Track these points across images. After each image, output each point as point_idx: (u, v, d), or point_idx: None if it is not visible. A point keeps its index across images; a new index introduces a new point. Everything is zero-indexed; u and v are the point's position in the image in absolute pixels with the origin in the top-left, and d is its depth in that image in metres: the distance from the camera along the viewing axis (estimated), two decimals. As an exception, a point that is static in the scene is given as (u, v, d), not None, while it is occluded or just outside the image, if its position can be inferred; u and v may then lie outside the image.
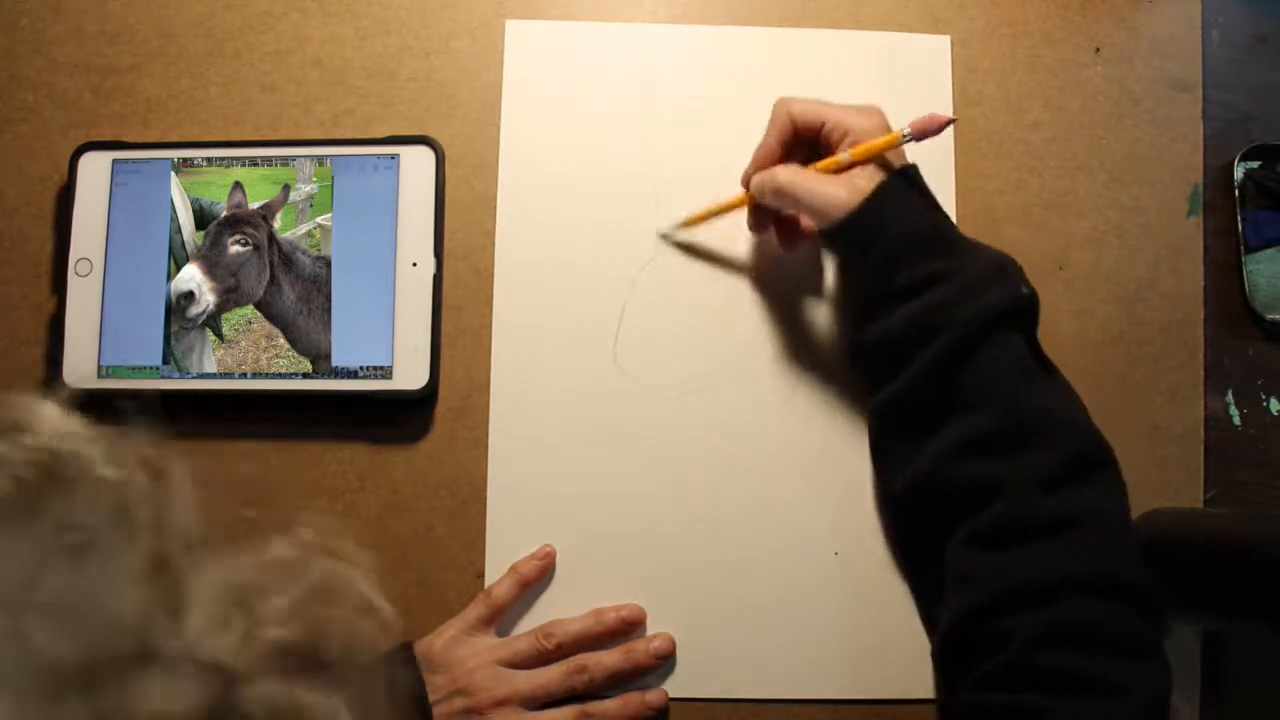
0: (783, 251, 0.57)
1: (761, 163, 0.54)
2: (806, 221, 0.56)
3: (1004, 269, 0.50)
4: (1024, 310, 0.49)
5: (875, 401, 0.54)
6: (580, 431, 0.56)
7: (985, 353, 0.48)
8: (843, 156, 0.51)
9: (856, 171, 0.50)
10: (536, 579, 0.55)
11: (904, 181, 0.50)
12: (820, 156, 0.52)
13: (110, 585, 0.25)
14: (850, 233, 0.50)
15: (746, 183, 0.55)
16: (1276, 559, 0.46)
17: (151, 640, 0.25)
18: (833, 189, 0.50)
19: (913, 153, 0.58)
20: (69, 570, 0.25)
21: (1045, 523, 0.46)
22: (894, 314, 0.51)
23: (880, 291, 0.51)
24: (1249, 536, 0.49)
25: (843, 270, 0.58)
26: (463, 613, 0.54)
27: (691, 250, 0.58)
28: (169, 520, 0.28)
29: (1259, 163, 0.59)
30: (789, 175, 0.52)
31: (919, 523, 0.52)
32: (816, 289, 0.58)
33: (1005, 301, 0.48)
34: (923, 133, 0.49)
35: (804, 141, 0.53)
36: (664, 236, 0.57)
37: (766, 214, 0.56)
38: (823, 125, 0.52)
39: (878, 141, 0.50)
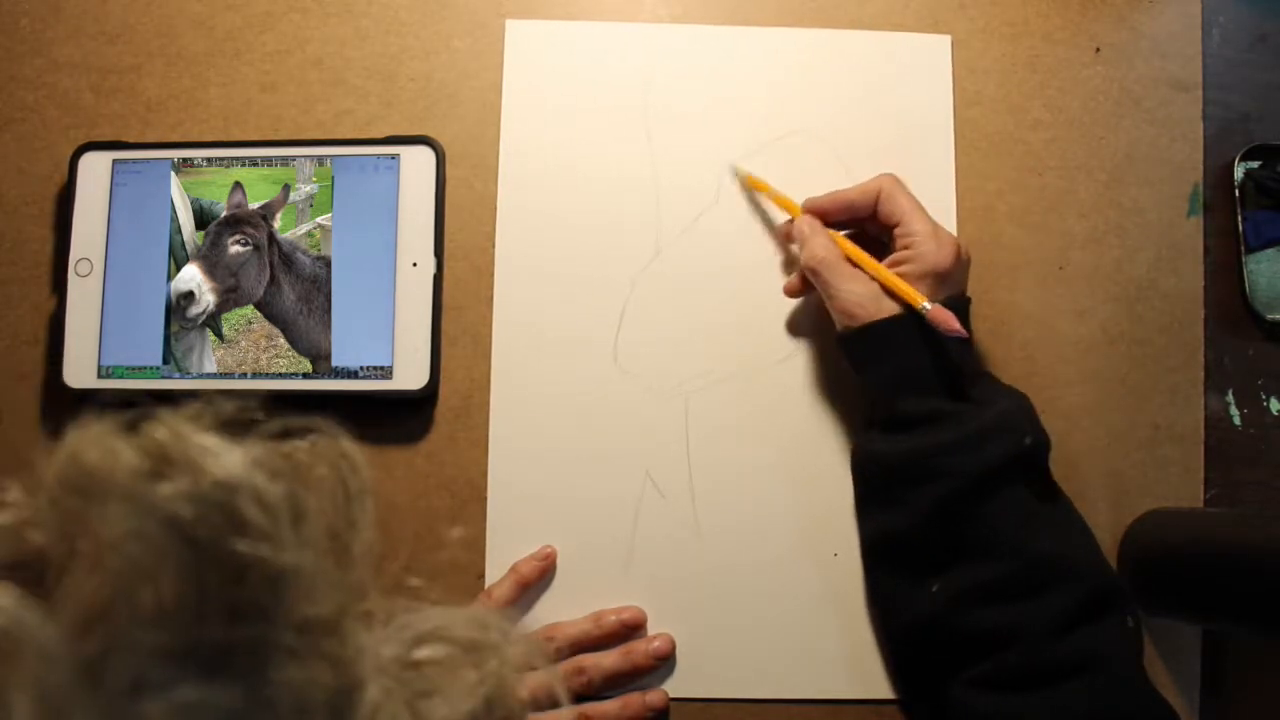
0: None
1: (827, 204, 0.54)
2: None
3: (1008, 420, 0.49)
4: (1028, 459, 0.49)
5: (870, 532, 0.54)
6: (580, 431, 0.56)
7: (988, 504, 0.48)
8: (872, 264, 0.51)
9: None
10: (537, 579, 0.55)
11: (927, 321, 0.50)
12: (875, 222, 0.54)
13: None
14: (858, 343, 0.50)
15: (807, 209, 0.55)
16: (1276, 559, 0.46)
17: None
18: (859, 295, 0.50)
19: (912, 150, 0.58)
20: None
21: (1056, 667, 0.46)
22: (893, 439, 0.51)
23: (883, 412, 0.52)
24: (1249, 536, 0.49)
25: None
26: None
27: (691, 250, 0.58)
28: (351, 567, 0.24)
29: (1259, 163, 0.59)
30: (826, 255, 0.52)
31: (920, 658, 0.52)
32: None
33: (1004, 458, 0.48)
34: (934, 324, 0.49)
35: (871, 217, 0.54)
36: (734, 168, 0.58)
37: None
38: (896, 225, 0.52)
39: (906, 287, 0.50)
